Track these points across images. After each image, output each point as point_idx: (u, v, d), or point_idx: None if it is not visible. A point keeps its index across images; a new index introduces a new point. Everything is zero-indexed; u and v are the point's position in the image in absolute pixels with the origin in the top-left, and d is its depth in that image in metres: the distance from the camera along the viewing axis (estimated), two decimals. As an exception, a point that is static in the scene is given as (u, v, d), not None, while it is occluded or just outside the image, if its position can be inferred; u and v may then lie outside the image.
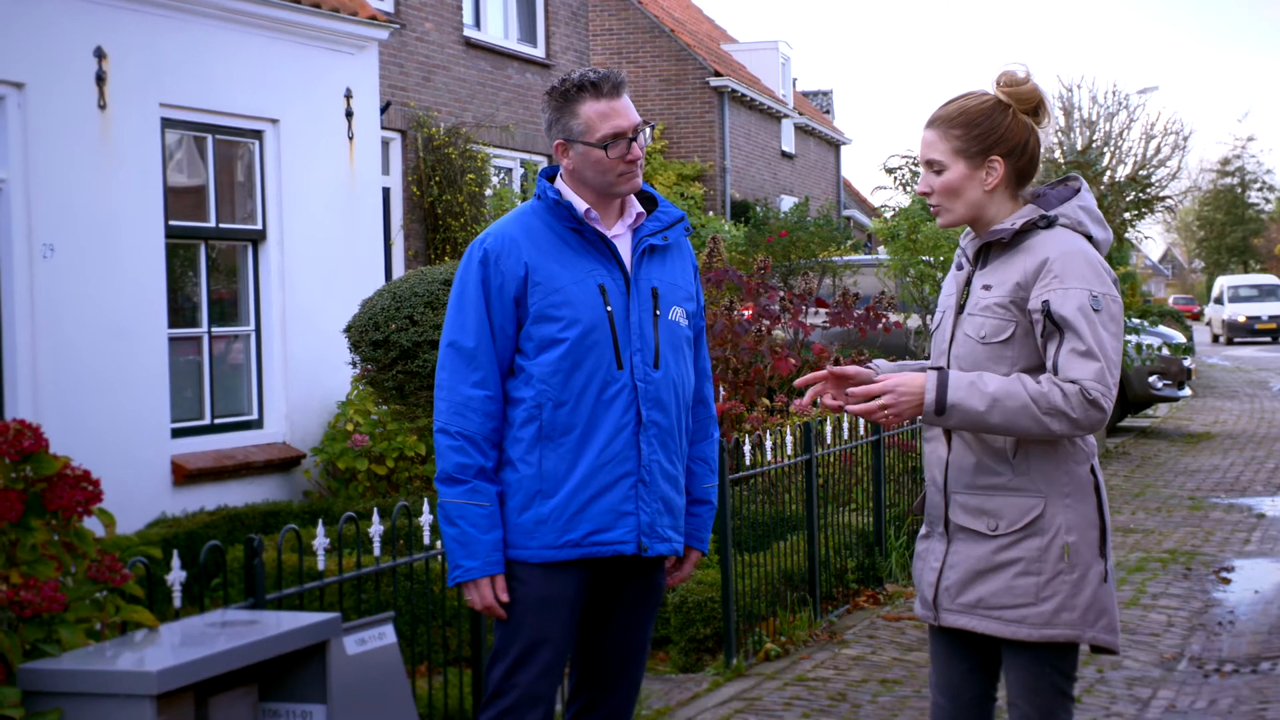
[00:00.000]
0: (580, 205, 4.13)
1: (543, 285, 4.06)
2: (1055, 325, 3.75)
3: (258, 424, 11.69)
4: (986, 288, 3.87)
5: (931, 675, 4.11)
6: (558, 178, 4.22)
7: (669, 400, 4.15)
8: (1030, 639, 3.84)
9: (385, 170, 16.80)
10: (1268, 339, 45.24)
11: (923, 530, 4.07)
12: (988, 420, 3.73)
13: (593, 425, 4.06)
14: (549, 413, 4.05)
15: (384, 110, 15.19)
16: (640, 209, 4.25)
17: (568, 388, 4.05)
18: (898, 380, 3.80)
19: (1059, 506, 3.83)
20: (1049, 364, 3.77)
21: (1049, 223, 3.85)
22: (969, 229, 4.01)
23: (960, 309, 3.93)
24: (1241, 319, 45.94)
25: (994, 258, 3.91)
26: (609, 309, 4.08)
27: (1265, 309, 46.15)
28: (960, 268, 4.01)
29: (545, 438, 4.06)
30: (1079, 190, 3.93)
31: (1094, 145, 32.97)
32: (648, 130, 4.17)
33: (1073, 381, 3.71)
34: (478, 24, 19.69)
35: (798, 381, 4.02)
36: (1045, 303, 3.76)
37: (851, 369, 3.92)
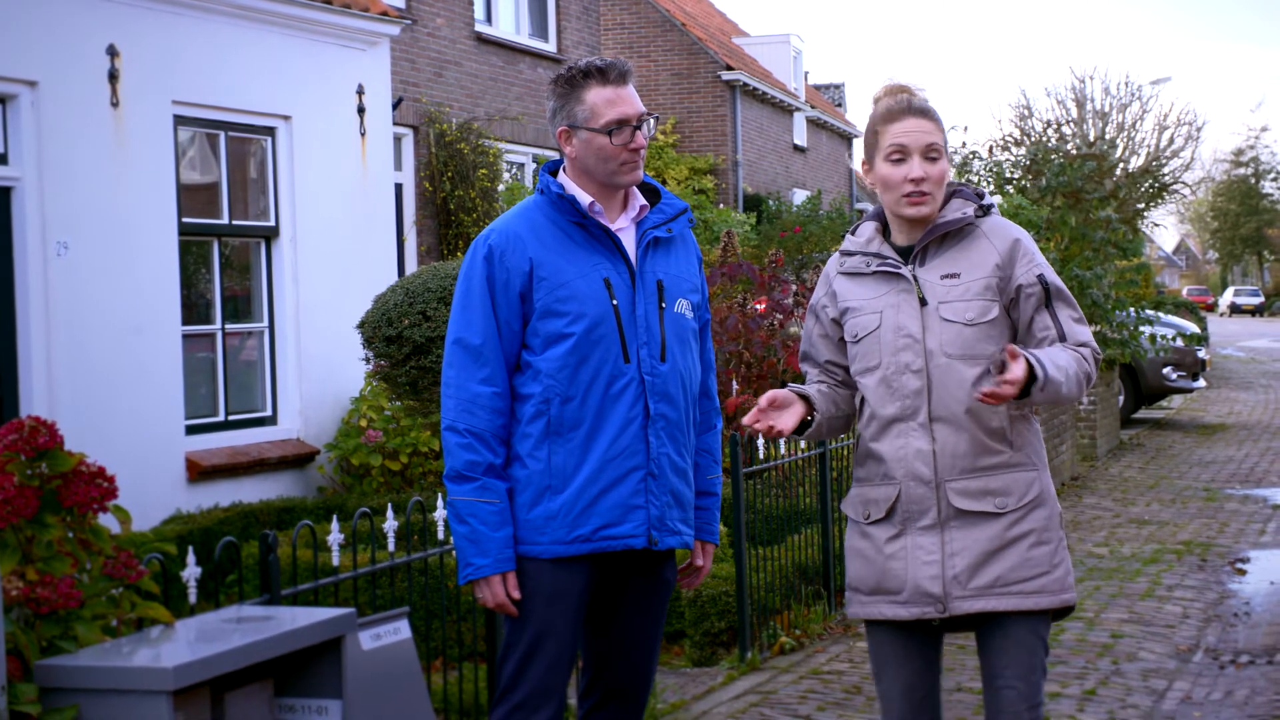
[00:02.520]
0: (584, 199, 4.11)
1: (548, 280, 4.04)
2: (1049, 295, 3.92)
3: (272, 420, 11.71)
4: (951, 276, 3.93)
5: (887, 677, 4.00)
6: (560, 172, 4.21)
7: (676, 393, 4.14)
8: (1051, 606, 3.90)
9: (398, 166, 16.80)
10: None
11: (888, 532, 3.95)
12: (1062, 390, 3.82)
13: (601, 420, 4.04)
14: (557, 408, 4.03)
15: (396, 106, 15.18)
16: (644, 201, 4.22)
17: (575, 382, 4.03)
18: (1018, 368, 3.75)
19: (1045, 476, 3.99)
20: (1052, 333, 3.90)
21: (985, 211, 4.01)
22: (859, 235, 4.08)
23: (923, 303, 3.93)
24: None
25: (940, 250, 3.97)
26: (615, 303, 4.06)
27: None
28: (894, 271, 3.96)
29: (554, 433, 4.04)
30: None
31: (1107, 136, 32.89)
32: (651, 122, 4.15)
33: (1084, 345, 3.92)
34: (489, 19, 19.69)
35: (752, 425, 3.96)
36: (1040, 275, 3.93)
37: (783, 393, 3.98)
